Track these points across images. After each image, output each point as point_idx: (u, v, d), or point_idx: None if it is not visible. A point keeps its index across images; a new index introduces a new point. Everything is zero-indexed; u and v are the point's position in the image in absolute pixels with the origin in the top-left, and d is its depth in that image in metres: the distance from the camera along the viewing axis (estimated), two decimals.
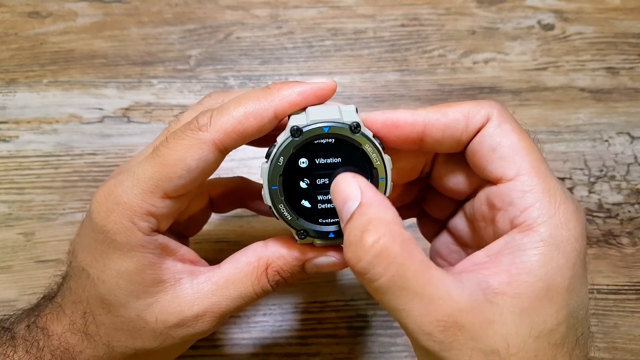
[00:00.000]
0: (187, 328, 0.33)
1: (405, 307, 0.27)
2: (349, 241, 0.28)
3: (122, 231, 0.31)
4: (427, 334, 0.27)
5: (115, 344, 0.33)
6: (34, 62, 0.59)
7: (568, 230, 0.29)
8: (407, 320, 0.27)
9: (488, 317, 0.27)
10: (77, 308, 0.33)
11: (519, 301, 0.28)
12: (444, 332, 0.26)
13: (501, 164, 0.31)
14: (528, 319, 0.27)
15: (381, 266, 0.27)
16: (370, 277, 0.27)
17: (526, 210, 0.30)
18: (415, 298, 0.27)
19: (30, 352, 0.33)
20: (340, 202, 0.29)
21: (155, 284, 0.32)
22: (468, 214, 0.36)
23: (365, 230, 0.27)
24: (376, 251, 0.27)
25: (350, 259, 0.28)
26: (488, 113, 0.32)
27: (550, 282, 0.28)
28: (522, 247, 0.29)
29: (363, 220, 0.28)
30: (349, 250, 0.28)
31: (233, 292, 0.33)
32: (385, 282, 0.27)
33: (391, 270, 0.26)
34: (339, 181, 0.30)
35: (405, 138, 0.33)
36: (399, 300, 0.27)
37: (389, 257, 0.27)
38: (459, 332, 0.26)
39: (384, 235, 0.27)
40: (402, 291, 0.27)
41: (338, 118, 0.31)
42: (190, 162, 0.31)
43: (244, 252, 0.35)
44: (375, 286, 0.27)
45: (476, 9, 0.64)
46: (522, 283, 0.28)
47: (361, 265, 0.27)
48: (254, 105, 0.31)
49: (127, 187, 0.31)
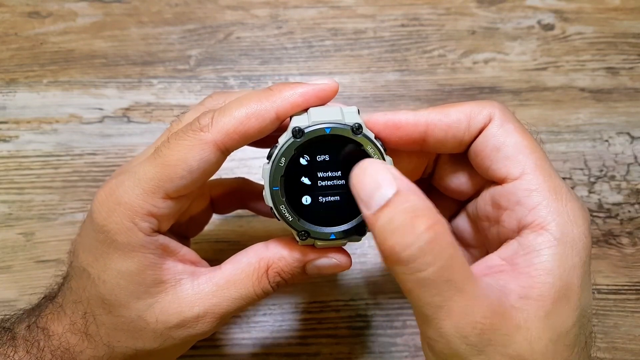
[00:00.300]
0: (188, 329, 0.33)
1: (446, 304, 0.26)
2: (392, 226, 0.26)
3: (123, 231, 0.31)
4: (464, 336, 0.26)
5: (115, 344, 0.33)
6: (34, 62, 0.59)
7: (578, 228, 0.29)
8: (445, 319, 0.26)
9: (516, 323, 0.27)
10: (77, 308, 0.33)
11: (543, 304, 0.27)
12: (479, 335, 0.26)
13: (505, 164, 0.31)
14: (550, 323, 0.27)
15: (432, 254, 0.25)
16: (417, 266, 0.25)
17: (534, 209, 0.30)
18: (458, 295, 0.25)
19: (30, 352, 0.33)
20: (369, 187, 0.27)
21: (156, 284, 0.32)
22: (471, 214, 0.36)
23: (415, 215, 0.26)
24: (430, 237, 0.25)
25: (395, 244, 0.25)
26: (490, 113, 0.32)
27: (568, 281, 0.28)
28: (537, 247, 0.29)
29: (409, 205, 0.26)
30: (394, 236, 0.25)
31: (234, 292, 0.33)
32: (433, 272, 0.25)
33: (441, 260, 0.25)
34: (366, 167, 0.28)
35: (407, 139, 0.33)
36: (441, 295, 0.25)
37: (441, 246, 0.25)
38: (493, 336, 0.26)
39: (437, 223, 0.26)
40: (446, 285, 0.25)
41: (340, 119, 0.31)
42: (192, 163, 0.31)
43: (245, 253, 0.35)
44: (420, 277, 0.25)
45: (476, 9, 0.64)
46: (544, 284, 0.28)
47: (409, 252, 0.25)
48: (256, 106, 0.31)
49: (129, 188, 0.31)
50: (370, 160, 0.28)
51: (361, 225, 0.33)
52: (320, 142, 0.32)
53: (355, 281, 0.51)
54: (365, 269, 0.52)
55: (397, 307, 0.50)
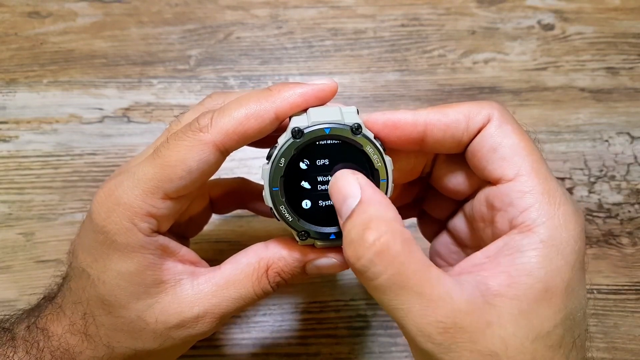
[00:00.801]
0: (187, 329, 0.33)
1: (405, 307, 0.27)
2: (349, 239, 0.28)
3: (122, 232, 0.31)
4: (426, 335, 0.26)
5: (115, 345, 0.33)
6: (34, 62, 0.59)
7: (567, 232, 0.29)
8: (406, 320, 0.27)
9: (487, 319, 0.27)
10: (77, 309, 0.33)
11: (517, 303, 0.28)
12: (443, 333, 0.26)
13: (501, 165, 0.31)
14: (526, 321, 0.27)
15: (382, 264, 0.26)
16: (370, 276, 0.27)
17: (525, 211, 0.30)
18: (415, 298, 0.26)
19: (30, 353, 0.33)
20: (339, 200, 0.29)
21: (156, 284, 0.32)
22: (467, 215, 0.36)
23: (366, 227, 0.27)
24: (377, 249, 0.27)
25: (350, 256, 0.28)
26: (489, 114, 0.32)
27: (549, 283, 0.28)
28: (521, 248, 0.29)
29: (364, 218, 0.28)
30: (349, 248, 0.28)
31: (233, 293, 0.33)
32: (385, 280, 0.27)
33: (392, 269, 0.26)
34: (337, 178, 0.30)
35: (406, 139, 0.33)
36: (398, 299, 0.27)
37: (389, 256, 0.27)
38: (457, 334, 0.26)
39: (385, 234, 0.27)
40: (401, 290, 0.26)
41: (339, 119, 0.31)
42: (191, 163, 0.31)
43: (245, 253, 0.35)
44: (375, 285, 0.27)
45: (476, 9, 0.64)
46: (522, 285, 0.28)
47: (361, 263, 0.27)
48: (255, 107, 0.31)
49: (128, 188, 0.31)
50: (342, 171, 0.30)
51: None
52: (320, 144, 0.32)
53: (356, 281, 0.51)
54: None
55: None
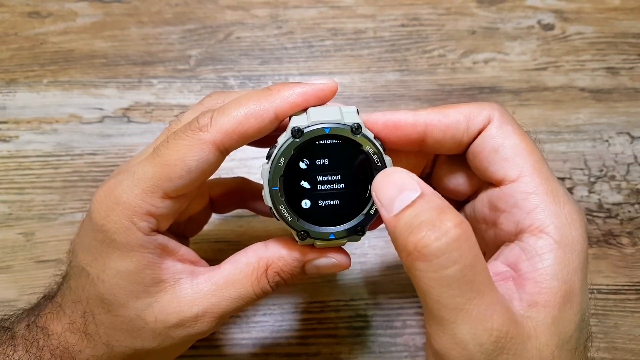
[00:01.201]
0: (187, 328, 0.33)
1: (466, 308, 0.25)
2: (417, 222, 0.26)
3: (121, 231, 0.31)
4: (480, 343, 0.25)
5: (114, 344, 0.33)
6: (34, 62, 0.59)
7: (575, 230, 0.29)
8: (462, 324, 0.25)
9: (527, 332, 0.27)
10: (76, 307, 0.33)
11: (551, 310, 0.27)
12: (495, 343, 0.25)
13: (503, 165, 0.31)
14: (556, 329, 0.27)
15: (459, 252, 0.25)
16: (441, 262, 0.25)
17: (532, 212, 0.30)
18: (478, 298, 0.25)
19: (30, 352, 0.33)
20: (392, 191, 0.28)
21: (155, 283, 0.32)
22: (468, 216, 0.36)
23: (442, 212, 0.26)
24: (457, 234, 0.25)
25: (420, 239, 0.25)
26: (489, 115, 0.32)
27: (571, 284, 0.28)
28: (539, 250, 0.29)
29: (435, 205, 0.26)
30: (419, 231, 0.25)
31: (232, 292, 0.33)
32: (456, 271, 0.25)
33: (467, 259, 0.25)
34: (391, 172, 0.29)
35: (406, 139, 0.33)
36: (462, 297, 0.25)
37: (468, 244, 0.25)
38: (507, 345, 0.26)
39: (465, 222, 0.26)
40: (468, 286, 0.25)
41: (339, 119, 0.31)
42: (191, 163, 0.31)
43: (244, 252, 0.35)
44: (443, 275, 0.25)
45: (476, 9, 0.64)
46: (550, 289, 0.28)
47: (436, 246, 0.25)
48: (255, 106, 0.31)
49: (127, 187, 0.31)
50: (394, 168, 0.29)
51: (361, 225, 0.33)
52: (320, 144, 0.32)
53: (355, 281, 0.51)
54: (365, 269, 0.52)
55: (397, 307, 0.50)
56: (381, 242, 0.53)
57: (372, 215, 0.32)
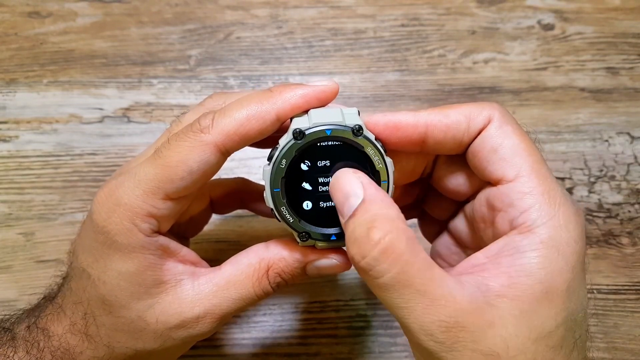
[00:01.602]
0: (188, 329, 0.33)
1: (408, 306, 0.27)
2: (353, 237, 0.28)
3: (123, 232, 0.31)
4: (429, 334, 0.27)
5: (115, 345, 0.33)
6: (34, 62, 0.59)
7: (567, 232, 0.29)
8: (409, 319, 0.27)
9: (488, 319, 0.27)
10: (77, 309, 0.33)
11: (518, 303, 0.28)
12: (445, 332, 0.26)
13: (501, 165, 0.31)
14: (527, 322, 0.27)
15: (387, 263, 0.27)
16: (374, 274, 0.27)
17: (525, 212, 0.30)
18: (419, 297, 0.27)
19: (30, 353, 0.33)
20: (340, 198, 0.29)
21: (156, 285, 0.32)
22: (468, 215, 0.36)
23: (370, 226, 0.27)
24: (382, 247, 0.27)
25: (355, 255, 0.28)
26: (489, 115, 0.32)
27: (550, 284, 0.28)
28: (522, 248, 0.29)
29: (368, 217, 0.28)
30: (354, 247, 0.28)
31: (234, 293, 0.33)
32: (389, 279, 0.27)
33: (396, 267, 0.27)
34: (339, 177, 0.30)
35: (407, 140, 0.33)
36: (402, 298, 0.27)
37: (394, 254, 0.27)
38: (460, 334, 0.26)
39: (390, 232, 0.27)
40: (405, 289, 0.27)
41: (340, 121, 0.31)
42: (192, 164, 0.31)
43: (245, 253, 0.35)
44: (379, 283, 0.27)
45: (476, 9, 0.64)
46: (522, 285, 0.28)
47: (366, 261, 0.27)
48: (256, 108, 0.31)
49: (128, 188, 0.31)
50: (343, 170, 0.30)
51: None
52: (321, 145, 0.32)
53: (356, 281, 0.51)
54: None
55: None
56: None
57: None
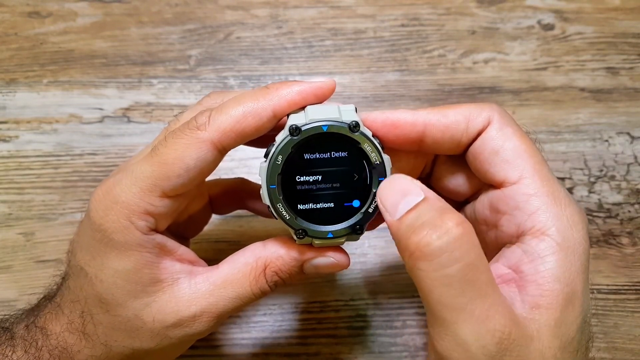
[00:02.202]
0: (185, 328, 0.33)
1: (468, 308, 0.25)
2: (419, 223, 0.26)
3: (119, 230, 0.31)
4: (482, 345, 0.25)
5: (112, 344, 0.33)
6: (34, 62, 0.59)
7: (577, 232, 0.29)
8: (464, 324, 0.25)
9: (529, 334, 0.27)
10: (75, 307, 0.33)
11: (553, 312, 0.27)
12: (498, 344, 0.25)
13: (504, 167, 0.31)
14: (559, 331, 0.27)
15: (460, 251, 0.25)
16: (442, 261, 0.25)
17: (533, 214, 0.30)
18: (480, 298, 0.25)
19: (28, 352, 0.33)
20: (396, 196, 0.28)
21: (153, 283, 0.32)
22: (468, 217, 0.36)
23: (444, 213, 0.26)
24: (459, 233, 0.25)
25: (422, 238, 0.26)
26: (489, 116, 0.32)
27: (573, 287, 0.28)
28: (541, 253, 0.29)
29: (437, 207, 0.27)
30: (421, 231, 0.26)
31: (231, 292, 0.33)
32: (458, 270, 0.25)
33: (468, 258, 0.25)
34: (395, 178, 0.30)
35: (404, 138, 0.33)
36: (464, 296, 0.25)
37: (469, 243, 0.25)
38: (510, 347, 0.26)
39: (466, 221, 0.26)
40: (469, 286, 0.25)
41: (337, 117, 0.31)
42: (189, 161, 0.31)
43: (242, 252, 0.35)
44: (445, 273, 0.25)
45: (476, 9, 0.63)
46: (553, 292, 0.28)
47: (437, 245, 0.25)
48: (253, 105, 0.31)
49: (126, 186, 0.31)
50: (398, 175, 0.30)
51: (359, 224, 0.33)
52: (318, 142, 0.32)
53: (355, 281, 0.51)
54: (365, 269, 0.52)
55: (397, 307, 0.50)
56: (381, 242, 0.52)
57: (371, 214, 0.32)
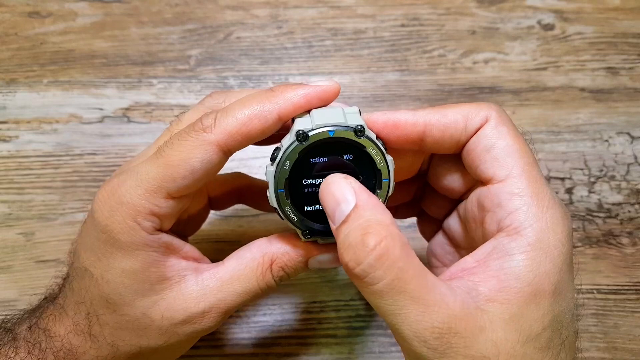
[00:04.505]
0: (193, 325, 0.33)
1: (402, 312, 0.27)
2: (346, 243, 0.28)
3: (125, 231, 0.31)
4: (422, 340, 0.27)
5: (120, 344, 0.33)
6: (34, 62, 0.59)
7: (554, 235, 0.29)
8: (403, 325, 0.27)
9: (479, 324, 0.27)
10: (80, 309, 0.33)
11: (508, 307, 0.28)
12: (438, 338, 0.27)
13: (493, 165, 0.31)
14: (516, 325, 0.28)
15: (382, 269, 0.26)
16: (369, 281, 0.27)
17: (513, 213, 0.30)
18: (412, 303, 0.27)
19: (32, 354, 0.32)
20: (331, 204, 0.29)
21: (160, 281, 0.32)
22: (461, 215, 0.36)
23: (365, 232, 0.27)
24: (378, 254, 0.27)
25: (349, 261, 0.27)
26: (487, 115, 0.32)
27: (538, 287, 0.28)
28: (510, 251, 0.29)
29: (361, 222, 0.28)
30: (348, 253, 0.27)
31: (238, 287, 0.34)
32: (384, 285, 0.27)
33: (391, 274, 0.26)
34: (329, 182, 0.30)
35: (405, 138, 0.33)
36: (396, 305, 0.27)
37: (390, 260, 0.27)
38: (452, 339, 0.27)
39: (385, 238, 0.27)
40: (400, 295, 0.27)
41: (342, 121, 0.31)
42: (194, 163, 0.31)
43: (248, 248, 0.35)
44: (374, 290, 0.27)
45: (476, 9, 0.64)
46: (512, 289, 0.28)
47: (362, 268, 0.27)
48: (258, 108, 0.31)
49: (131, 187, 0.31)
50: (334, 176, 0.30)
51: None
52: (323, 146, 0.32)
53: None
54: None
55: None
56: None
57: None
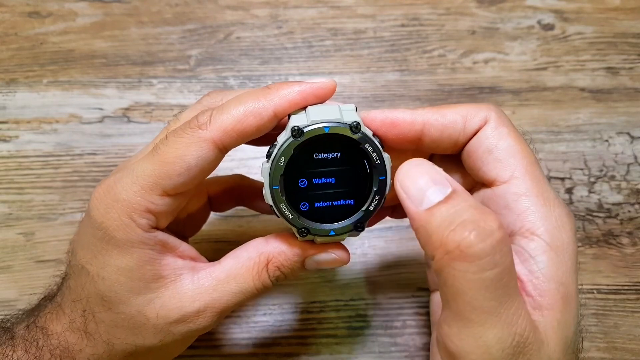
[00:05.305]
0: (188, 324, 0.33)
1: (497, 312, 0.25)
2: (460, 220, 0.25)
3: (121, 228, 0.31)
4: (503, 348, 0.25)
5: (115, 342, 0.33)
6: (34, 62, 0.59)
7: (565, 233, 0.29)
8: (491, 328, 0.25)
9: (541, 337, 0.27)
10: (76, 307, 0.33)
11: (554, 313, 0.27)
12: (515, 347, 0.25)
13: (496, 166, 0.31)
14: (561, 333, 0.27)
15: (501, 254, 0.25)
16: (484, 264, 0.24)
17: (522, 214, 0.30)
18: (509, 302, 0.25)
19: (29, 352, 0.33)
20: (422, 183, 0.27)
21: (156, 279, 0.32)
22: None
23: (484, 212, 0.25)
24: (501, 236, 0.25)
25: (464, 239, 0.25)
26: (486, 116, 0.32)
27: (568, 286, 0.28)
28: (532, 253, 0.29)
29: (473, 203, 0.26)
30: (464, 230, 0.25)
31: (234, 287, 0.34)
32: (496, 274, 0.25)
33: (506, 262, 0.25)
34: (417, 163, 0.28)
35: (403, 137, 0.33)
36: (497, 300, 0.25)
37: (507, 247, 0.25)
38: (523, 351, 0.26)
39: (502, 227, 0.25)
40: (503, 290, 0.25)
41: (338, 118, 0.31)
42: (190, 160, 0.31)
43: (245, 247, 0.35)
44: (484, 277, 0.25)
45: (476, 9, 0.64)
46: (550, 291, 0.28)
47: (480, 247, 0.24)
48: (254, 105, 0.31)
49: (126, 185, 0.31)
50: (421, 159, 0.28)
51: (360, 222, 0.33)
52: (319, 142, 0.32)
53: (355, 281, 0.51)
54: (366, 269, 0.52)
55: (397, 307, 0.50)
56: (381, 242, 0.52)
57: (372, 212, 0.33)
